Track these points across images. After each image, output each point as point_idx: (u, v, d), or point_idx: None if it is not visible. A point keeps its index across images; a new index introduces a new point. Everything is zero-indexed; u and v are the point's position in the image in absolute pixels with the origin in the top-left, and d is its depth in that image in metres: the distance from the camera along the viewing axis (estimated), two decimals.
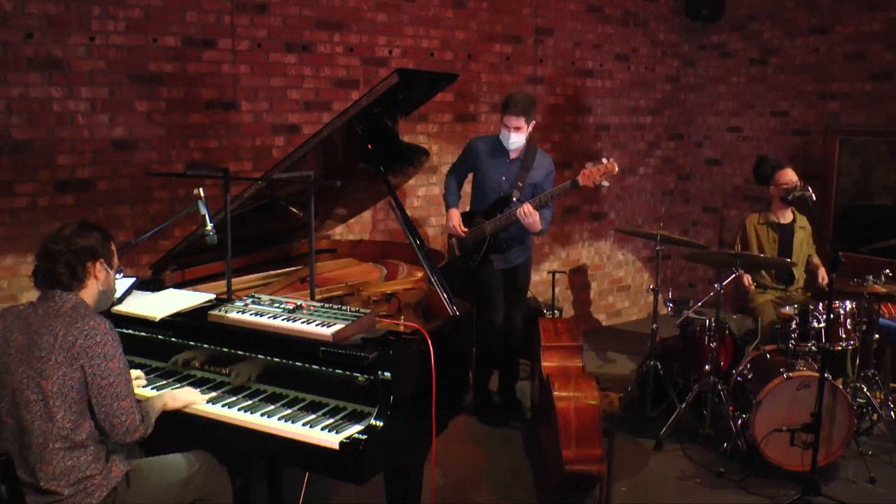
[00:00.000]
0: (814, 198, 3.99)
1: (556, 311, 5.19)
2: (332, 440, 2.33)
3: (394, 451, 2.47)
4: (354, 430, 2.37)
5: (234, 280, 3.07)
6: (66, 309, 2.29)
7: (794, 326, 3.95)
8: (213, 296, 2.91)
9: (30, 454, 2.25)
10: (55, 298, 2.31)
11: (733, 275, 4.22)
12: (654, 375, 4.47)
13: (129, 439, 2.34)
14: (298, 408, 2.52)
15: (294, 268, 3.63)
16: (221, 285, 3.04)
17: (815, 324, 3.91)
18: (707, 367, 4.20)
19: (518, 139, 4.25)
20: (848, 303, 3.99)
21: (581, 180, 4.10)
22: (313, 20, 4.79)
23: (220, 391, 2.66)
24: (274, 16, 4.65)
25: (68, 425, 2.25)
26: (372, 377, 2.40)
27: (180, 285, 3.25)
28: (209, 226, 2.81)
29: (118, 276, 2.52)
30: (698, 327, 4.32)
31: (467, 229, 4.37)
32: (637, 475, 3.91)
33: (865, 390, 4.24)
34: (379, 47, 5.07)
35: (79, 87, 4.09)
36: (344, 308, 2.64)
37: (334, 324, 2.48)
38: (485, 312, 4.38)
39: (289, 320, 2.55)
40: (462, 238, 4.39)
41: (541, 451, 3.98)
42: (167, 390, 2.64)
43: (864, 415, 4.27)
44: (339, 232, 4.67)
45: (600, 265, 6.59)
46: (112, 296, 2.52)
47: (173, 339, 2.76)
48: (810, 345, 3.91)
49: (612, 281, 6.70)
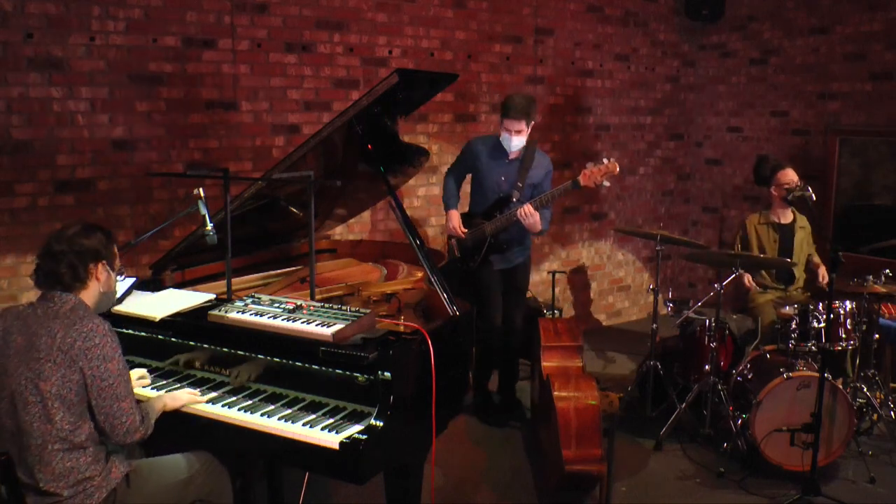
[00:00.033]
0: (814, 198, 3.99)
1: (556, 311, 5.19)
2: (332, 440, 2.33)
3: (394, 451, 2.47)
4: (354, 430, 2.37)
5: (234, 280, 3.07)
6: (65, 310, 2.29)
7: (794, 326, 3.95)
8: (213, 296, 2.91)
9: (29, 455, 2.24)
10: (54, 299, 2.31)
11: (733, 275, 4.22)
12: (654, 375, 4.47)
13: (129, 440, 2.34)
14: (298, 408, 2.52)
15: (294, 268, 3.62)
16: (221, 285, 3.04)
17: (815, 324, 3.91)
18: (707, 367, 4.20)
19: (519, 142, 4.25)
20: (848, 303, 3.99)
21: (582, 180, 4.10)
22: (313, 20, 4.79)
23: (220, 391, 2.66)
24: (274, 16, 4.65)
25: (67, 427, 2.24)
26: (372, 377, 2.40)
27: (180, 285, 3.25)
28: (209, 226, 2.81)
29: (119, 278, 2.52)
30: (698, 327, 4.32)
31: (467, 230, 4.37)
32: (637, 475, 3.91)
33: (865, 390, 4.24)
34: (379, 47, 5.07)
35: (79, 87, 4.09)
36: (344, 308, 2.64)
37: (334, 324, 2.49)
38: (484, 312, 4.38)
39: (289, 320, 2.55)
40: (462, 239, 4.39)
41: (541, 451, 3.98)
42: (167, 390, 2.64)
43: (864, 415, 4.27)
44: (339, 232, 4.67)
45: (600, 265, 6.59)
46: (112, 297, 2.51)
47: (173, 339, 2.76)
48: (810, 345, 3.92)
49: (612, 281, 6.70)
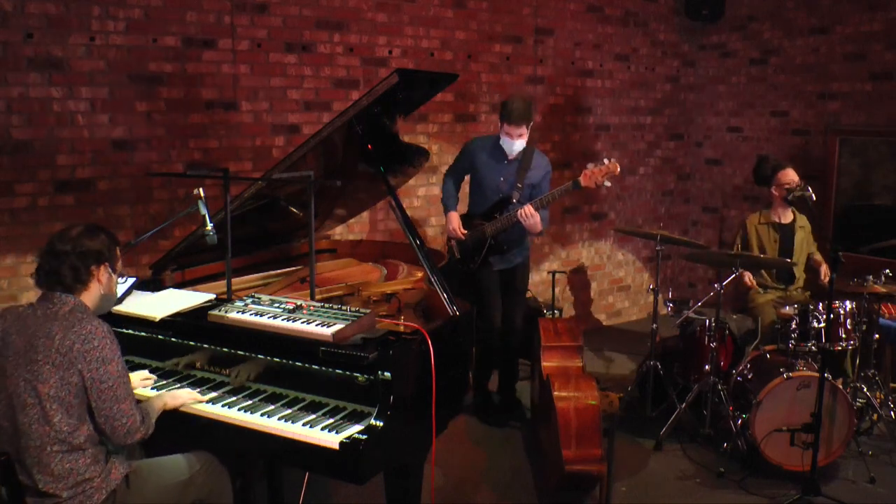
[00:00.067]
0: (814, 198, 4.00)
1: (556, 311, 5.20)
2: (332, 440, 2.33)
3: (394, 451, 2.47)
4: (354, 430, 2.37)
5: (234, 280, 3.07)
6: (64, 311, 2.28)
7: (794, 326, 3.95)
8: (213, 296, 2.91)
9: (27, 457, 2.24)
10: (54, 300, 2.31)
11: (733, 275, 4.22)
12: (654, 375, 4.47)
13: (130, 441, 2.34)
14: (298, 408, 2.52)
15: (294, 268, 3.62)
16: (221, 285, 3.04)
17: (815, 324, 3.91)
18: (707, 367, 4.20)
19: (521, 144, 4.26)
20: (848, 303, 3.99)
21: (583, 181, 4.09)
22: (313, 20, 4.79)
23: (220, 391, 2.66)
24: (274, 16, 4.65)
25: (66, 429, 2.24)
26: (372, 377, 2.40)
27: (180, 285, 3.25)
28: (209, 226, 2.81)
29: (119, 280, 2.52)
30: (698, 327, 4.32)
31: (467, 232, 4.37)
32: (637, 475, 3.91)
33: (865, 390, 4.24)
34: (379, 47, 5.07)
35: (79, 87, 4.09)
36: (344, 308, 2.64)
37: (334, 324, 2.49)
38: (484, 313, 4.38)
39: (289, 320, 2.55)
40: (462, 241, 4.39)
41: (541, 451, 3.98)
42: (166, 390, 2.64)
43: (864, 415, 4.27)
44: (339, 232, 4.67)
45: (600, 265, 6.59)
46: (113, 300, 2.51)
47: (173, 339, 2.76)
48: (810, 345, 3.92)
49: (612, 281, 6.70)
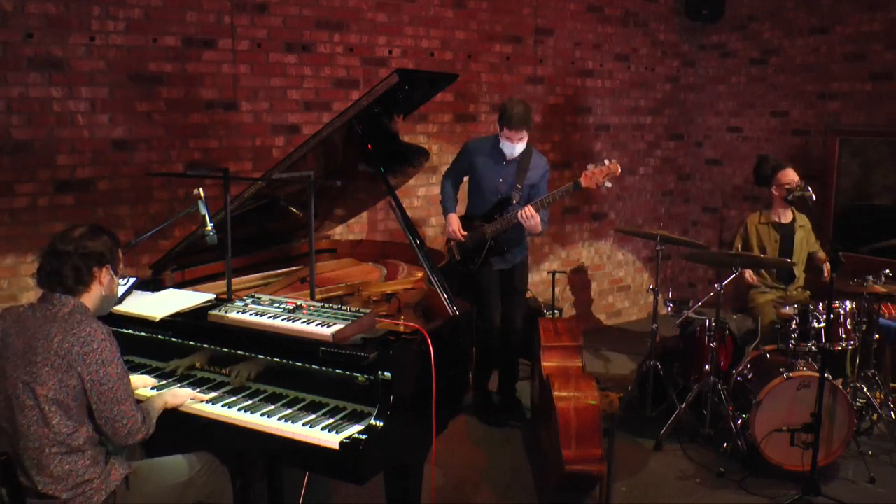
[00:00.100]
0: (814, 198, 3.99)
1: (556, 311, 5.19)
2: (332, 440, 2.33)
3: (394, 451, 2.47)
4: (354, 430, 2.37)
5: (234, 280, 3.07)
6: (63, 313, 2.27)
7: (794, 326, 3.95)
8: (213, 296, 2.91)
9: (26, 458, 2.24)
10: (54, 301, 2.30)
11: (733, 275, 4.21)
12: (654, 375, 4.47)
13: (131, 441, 2.34)
14: (298, 408, 2.52)
15: (294, 268, 3.62)
16: (221, 285, 3.04)
17: (815, 324, 3.91)
18: (707, 367, 4.19)
19: (521, 147, 4.26)
20: (848, 303, 3.99)
21: (583, 182, 4.08)
22: (313, 20, 4.79)
23: (220, 391, 2.66)
24: (274, 16, 4.64)
25: (65, 430, 2.23)
26: (372, 377, 2.40)
27: (180, 285, 3.25)
28: (209, 226, 2.81)
29: (120, 281, 2.52)
30: (698, 327, 4.32)
31: (466, 233, 4.37)
32: (637, 475, 3.91)
33: (865, 390, 4.24)
34: (379, 47, 5.07)
35: (79, 87, 4.09)
36: (344, 308, 2.64)
37: (334, 324, 2.48)
38: (484, 313, 4.38)
39: (289, 320, 2.55)
40: (462, 242, 4.38)
41: (541, 451, 3.98)
42: (166, 389, 2.64)
43: (864, 415, 4.27)
44: (339, 232, 4.67)
45: (600, 265, 6.59)
46: (113, 301, 2.51)
47: (173, 339, 2.76)
48: (810, 345, 3.92)
49: (612, 281, 6.70)
